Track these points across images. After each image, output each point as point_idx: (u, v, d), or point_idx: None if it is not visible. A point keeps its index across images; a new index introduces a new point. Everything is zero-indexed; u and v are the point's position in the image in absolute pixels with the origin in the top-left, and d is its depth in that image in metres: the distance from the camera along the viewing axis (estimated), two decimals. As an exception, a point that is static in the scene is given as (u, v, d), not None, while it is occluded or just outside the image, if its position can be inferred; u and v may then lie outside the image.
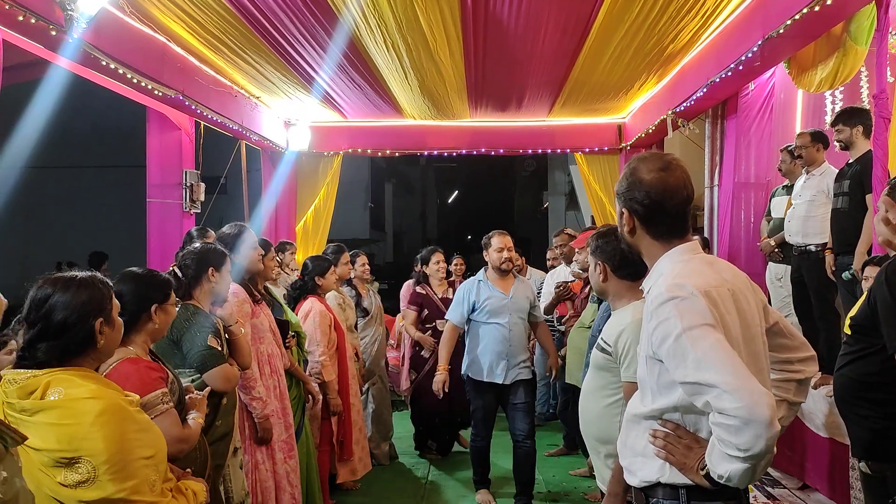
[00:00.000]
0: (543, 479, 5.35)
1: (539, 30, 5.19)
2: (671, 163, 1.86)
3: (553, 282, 5.86)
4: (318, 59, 5.68)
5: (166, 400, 2.22)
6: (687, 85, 6.06)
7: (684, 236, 1.87)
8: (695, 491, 1.75)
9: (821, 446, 4.55)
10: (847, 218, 4.32)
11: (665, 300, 1.69)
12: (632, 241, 1.93)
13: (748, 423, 1.52)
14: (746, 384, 1.55)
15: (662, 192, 1.82)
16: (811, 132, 4.98)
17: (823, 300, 4.76)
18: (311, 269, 4.68)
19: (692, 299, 1.67)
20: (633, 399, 1.95)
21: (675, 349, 1.65)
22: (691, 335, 1.62)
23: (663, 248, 1.86)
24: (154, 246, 6.26)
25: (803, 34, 4.51)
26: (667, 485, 1.78)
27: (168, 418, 2.19)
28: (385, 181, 25.83)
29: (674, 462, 1.75)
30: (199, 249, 3.12)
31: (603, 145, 8.34)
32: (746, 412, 1.52)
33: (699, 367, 1.59)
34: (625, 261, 2.51)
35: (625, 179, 1.90)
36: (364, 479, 5.15)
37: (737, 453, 1.55)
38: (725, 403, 1.55)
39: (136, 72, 4.75)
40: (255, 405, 3.46)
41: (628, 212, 1.88)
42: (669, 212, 1.83)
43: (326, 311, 4.61)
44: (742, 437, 1.53)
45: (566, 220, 17.12)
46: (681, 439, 1.75)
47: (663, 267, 1.84)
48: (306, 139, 8.11)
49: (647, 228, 1.87)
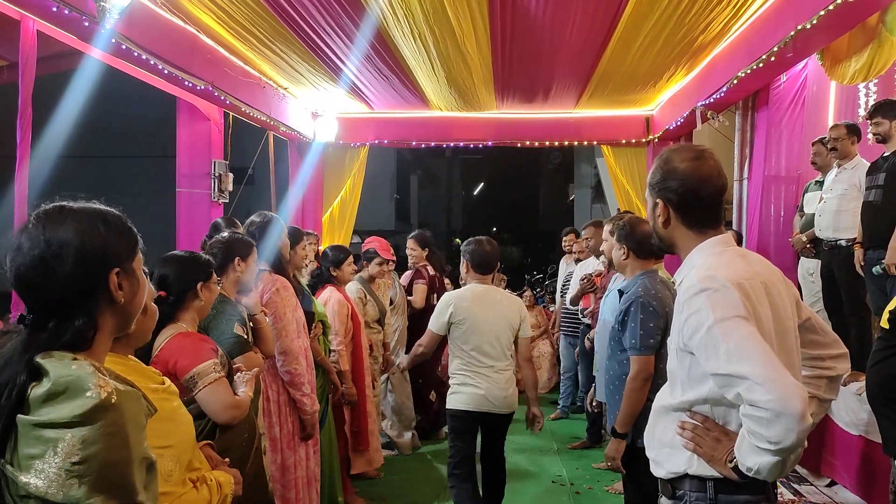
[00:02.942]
0: (566, 471, 5.36)
1: (567, 20, 5.16)
2: (704, 152, 1.87)
3: (581, 274, 5.87)
4: (346, 49, 5.69)
5: (218, 369, 2.34)
6: (717, 76, 5.98)
7: (718, 227, 1.86)
8: (722, 483, 1.74)
9: (850, 444, 4.49)
10: (880, 211, 4.24)
11: (697, 291, 1.69)
12: (665, 234, 1.92)
13: (779, 416, 1.50)
14: (779, 376, 1.54)
15: (697, 181, 1.82)
16: (846, 124, 4.89)
17: (854, 295, 4.69)
18: (329, 259, 4.71)
19: (725, 291, 1.66)
20: (663, 391, 1.95)
21: (706, 340, 1.64)
22: (723, 327, 1.61)
23: (697, 238, 1.85)
24: (183, 235, 6.34)
25: (836, 25, 4.42)
26: (694, 477, 1.78)
27: (220, 385, 2.32)
28: (411, 173, 25.87)
29: (702, 454, 1.75)
30: (225, 239, 3.15)
31: (630, 137, 8.26)
32: (778, 405, 1.50)
33: (731, 358, 1.58)
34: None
35: (658, 170, 1.90)
36: (386, 469, 5.19)
37: (767, 446, 1.54)
38: (757, 395, 1.53)
39: (166, 62, 4.81)
40: (305, 401, 3.45)
41: (663, 202, 1.88)
42: (704, 200, 1.83)
43: (345, 300, 4.64)
44: (773, 430, 1.51)
45: (592, 213, 17.03)
46: (709, 431, 1.74)
47: (695, 259, 1.83)
48: (333, 130, 8.14)
49: (682, 218, 1.86)
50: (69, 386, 1.18)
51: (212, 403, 2.32)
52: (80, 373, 1.20)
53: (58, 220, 1.29)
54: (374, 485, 5.06)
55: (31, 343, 1.24)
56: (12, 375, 1.19)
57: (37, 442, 1.15)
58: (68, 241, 1.27)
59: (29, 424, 1.16)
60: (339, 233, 8.33)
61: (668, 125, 7.44)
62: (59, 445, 1.13)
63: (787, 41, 4.57)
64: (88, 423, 1.15)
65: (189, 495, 1.73)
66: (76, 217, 1.31)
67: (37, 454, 1.14)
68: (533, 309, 8.73)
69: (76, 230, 1.28)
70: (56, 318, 1.27)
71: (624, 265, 3.30)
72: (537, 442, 6.19)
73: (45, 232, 1.27)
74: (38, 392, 1.18)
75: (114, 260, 1.32)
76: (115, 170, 16.29)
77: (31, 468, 1.14)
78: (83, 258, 1.27)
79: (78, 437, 1.14)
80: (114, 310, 1.34)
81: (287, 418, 3.47)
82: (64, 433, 1.14)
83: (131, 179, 15.67)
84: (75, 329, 1.27)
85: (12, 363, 1.21)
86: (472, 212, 33.56)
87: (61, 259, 1.25)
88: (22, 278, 1.27)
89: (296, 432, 3.51)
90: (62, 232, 1.27)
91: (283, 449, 3.45)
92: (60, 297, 1.27)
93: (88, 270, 1.28)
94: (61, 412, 1.15)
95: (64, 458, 1.13)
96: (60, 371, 1.19)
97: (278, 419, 3.45)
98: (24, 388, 1.18)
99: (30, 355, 1.21)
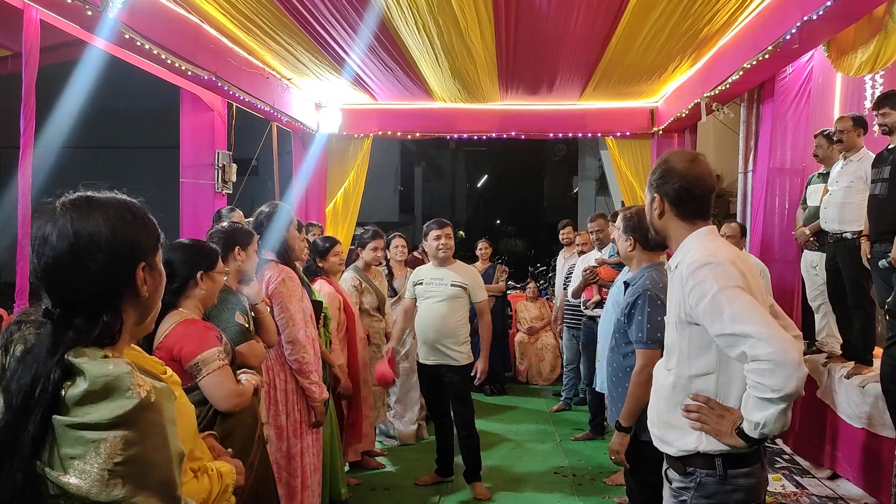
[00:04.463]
0: (568, 463, 5.36)
1: (571, 11, 5.13)
2: (697, 156, 2.17)
3: (583, 266, 5.86)
4: (349, 40, 5.68)
5: (222, 357, 2.36)
6: (722, 68, 5.95)
7: (707, 219, 2.14)
8: (729, 459, 1.97)
9: (853, 436, 4.49)
10: (886, 205, 4.22)
11: (701, 265, 1.95)
12: (660, 224, 2.19)
13: (780, 365, 1.76)
14: (777, 333, 1.80)
15: (692, 179, 2.10)
16: (852, 116, 4.86)
17: (859, 288, 4.67)
18: (314, 251, 4.71)
19: (725, 266, 1.93)
20: (661, 373, 2.17)
21: (711, 306, 1.88)
22: (727, 294, 1.87)
23: (689, 229, 2.12)
24: (186, 225, 6.34)
25: (843, 16, 4.39)
26: (704, 454, 1.99)
27: (224, 373, 2.35)
28: (415, 165, 25.83)
29: (709, 431, 1.96)
30: (225, 228, 3.17)
31: (635, 129, 8.21)
32: (779, 356, 1.76)
33: (735, 320, 1.83)
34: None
35: (658, 170, 2.17)
36: (389, 459, 5.21)
37: (771, 395, 1.78)
38: (760, 350, 1.78)
39: (169, 52, 4.80)
40: (314, 389, 3.48)
41: (660, 196, 2.15)
42: (696, 196, 2.11)
43: (335, 292, 4.64)
44: (775, 379, 1.76)
45: (596, 206, 16.99)
46: (713, 410, 1.97)
47: (691, 244, 2.09)
48: (337, 121, 8.13)
49: (676, 210, 2.13)
50: (108, 386, 1.16)
51: (215, 390, 2.33)
52: (118, 372, 1.18)
53: (85, 211, 1.25)
54: (378, 474, 5.08)
55: (60, 339, 1.20)
56: (44, 373, 1.16)
57: (77, 443, 1.13)
58: (99, 234, 1.24)
59: (68, 426, 1.14)
60: (343, 224, 8.32)
61: (673, 117, 7.41)
62: (102, 447, 1.13)
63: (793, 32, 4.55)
64: (131, 424, 1.15)
65: (190, 485, 1.73)
66: (104, 209, 1.27)
67: (77, 454, 1.13)
68: (536, 301, 8.73)
69: (107, 222, 1.25)
70: (84, 313, 1.24)
71: (630, 257, 3.31)
72: (540, 433, 6.21)
73: (74, 223, 1.23)
74: (74, 392, 1.15)
75: (141, 254, 1.31)
76: (119, 160, 16.31)
77: (72, 468, 1.13)
78: (115, 252, 1.25)
79: (121, 437, 1.13)
80: (137, 303, 1.33)
81: (294, 406, 3.49)
82: (106, 434, 1.13)
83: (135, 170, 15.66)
84: (104, 324, 1.25)
85: (40, 359, 1.18)
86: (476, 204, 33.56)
87: (92, 253, 1.22)
88: (51, 272, 1.23)
89: (302, 420, 3.53)
90: (91, 224, 1.24)
91: (289, 437, 3.47)
92: (92, 291, 1.24)
93: (120, 264, 1.26)
94: (102, 413, 1.14)
95: (107, 459, 1.13)
96: (98, 370, 1.17)
97: (285, 407, 3.47)
98: (58, 387, 1.16)
99: (61, 353, 1.18)
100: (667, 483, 2.17)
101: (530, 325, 8.47)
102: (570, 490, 4.83)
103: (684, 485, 2.06)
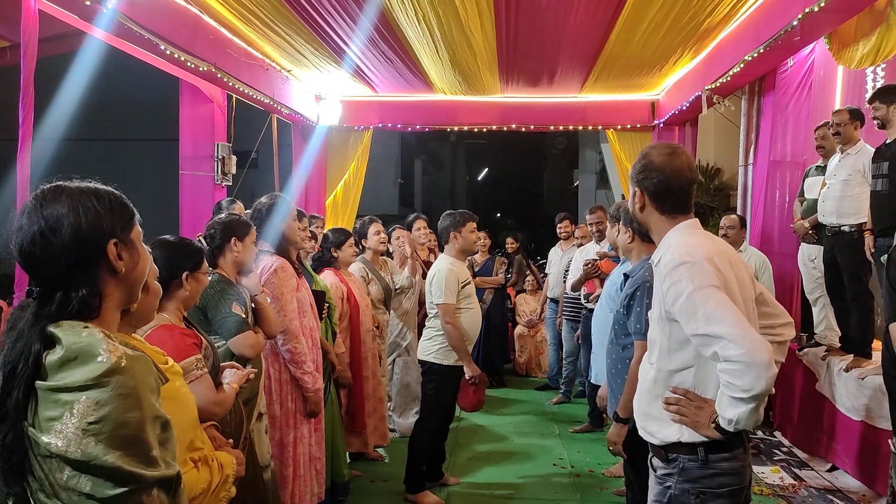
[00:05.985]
0: (567, 455, 5.38)
1: (572, 3, 5.11)
2: (677, 149, 2.15)
3: (582, 259, 5.85)
4: (349, 32, 5.66)
5: (200, 366, 2.28)
6: (723, 60, 5.93)
7: (688, 213, 2.13)
8: (710, 445, 2.00)
9: (851, 428, 4.50)
10: (886, 200, 4.22)
11: (678, 264, 1.95)
12: (641, 218, 2.20)
13: (749, 367, 1.79)
14: (747, 334, 1.83)
15: (670, 173, 2.09)
16: (849, 109, 4.85)
17: (857, 281, 4.67)
18: (329, 241, 4.70)
19: (701, 264, 1.93)
20: (644, 367, 2.19)
21: (686, 306, 1.91)
22: (701, 294, 1.89)
23: (669, 223, 2.12)
24: (186, 218, 6.34)
25: (845, 8, 4.38)
26: (686, 444, 2.02)
27: (202, 383, 2.26)
28: (415, 157, 25.77)
29: (688, 423, 2.00)
30: (223, 219, 3.16)
31: (635, 122, 8.22)
32: (748, 357, 1.79)
33: (708, 320, 1.86)
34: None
35: (638, 164, 2.17)
36: (389, 451, 5.21)
37: (741, 395, 1.81)
38: (730, 351, 1.81)
39: (169, 43, 4.78)
40: (306, 379, 3.48)
41: (640, 190, 2.15)
42: (675, 190, 2.10)
43: (340, 282, 4.64)
44: (745, 379, 1.80)
45: (596, 199, 16.98)
46: (691, 402, 2.00)
47: (672, 239, 2.09)
48: (337, 113, 8.12)
49: (656, 205, 2.13)
50: (81, 352, 1.27)
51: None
52: (90, 339, 1.29)
53: (53, 197, 1.37)
54: (377, 465, 5.09)
55: (41, 314, 1.33)
56: (27, 345, 1.29)
57: (55, 405, 1.24)
58: (63, 215, 1.35)
59: (47, 389, 1.25)
60: (343, 217, 8.32)
61: (674, 110, 7.40)
62: (76, 407, 1.23)
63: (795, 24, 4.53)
64: (101, 386, 1.24)
65: (190, 475, 1.74)
66: (70, 194, 1.39)
67: (55, 416, 1.23)
68: (536, 293, 8.73)
69: (71, 205, 1.37)
70: (61, 289, 1.35)
71: (629, 249, 3.32)
72: (539, 425, 6.22)
73: (43, 209, 1.35)
74: (52, 359, 1.27)
75: (109, 229, 1.40)
76: (118, 152, 16.27)
77: (51, 429, 1.23)
78: (78, 229, 1.35)
79: (92, 398, 1.23)
80: (117, 280, 1.43)
81: (288, 396, 3.50)
82: (79, 396, 1.23)
83: (134, 162, 15.66)
84: (80, 298, 1.35)
85: (25, 334, 1.31)
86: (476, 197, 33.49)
87: (57, 232, 1.33)
88: (23, 253, 1.36)
89: (297, 410, 3.53)
90: (58, 207, 1.36)
91: (281, 426, 3.48)
92: (61, 268, 1.35)
93: (84, 241, 1.36)
94: (75, 376, 1.25)
95: (80, 419, 1.22)
96: (72, 338, 1.28)
97: (279, 396, 3.48)
98: (39, 355, 1.28)
99: (42, 325, 1.31)
100: (652, 471, 2.20)
101: (530, 318, 8.48)
102: (568, 481, 4.84)
103: (668, 471, 2.08)
